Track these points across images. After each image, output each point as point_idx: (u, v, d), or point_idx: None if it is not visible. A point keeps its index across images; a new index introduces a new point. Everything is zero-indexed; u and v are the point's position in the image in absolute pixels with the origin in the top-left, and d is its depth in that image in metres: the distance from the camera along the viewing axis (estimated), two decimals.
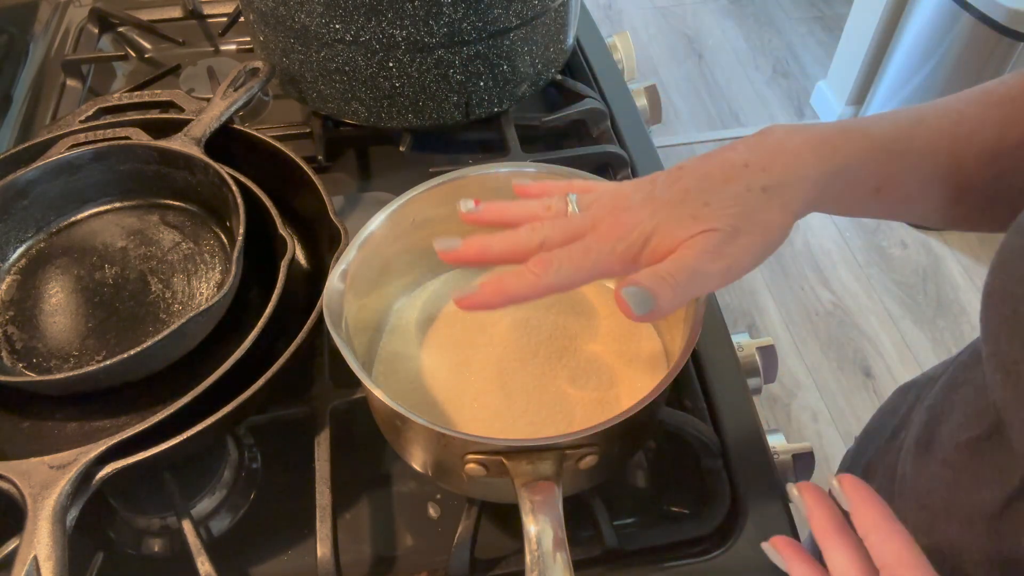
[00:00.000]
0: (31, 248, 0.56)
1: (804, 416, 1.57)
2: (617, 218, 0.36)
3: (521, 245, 0.38)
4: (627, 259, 0.36)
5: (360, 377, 0.40)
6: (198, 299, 0.53)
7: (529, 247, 0.38)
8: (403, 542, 0.50)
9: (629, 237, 0.36)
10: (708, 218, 0.35)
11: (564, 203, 0.39)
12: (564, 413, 0.47)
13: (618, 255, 0.36)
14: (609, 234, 0.36)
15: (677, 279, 0.34)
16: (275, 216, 0.53)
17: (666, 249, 0.36)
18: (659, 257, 0.36)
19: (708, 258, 0.35)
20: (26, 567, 0.37)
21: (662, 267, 0.35)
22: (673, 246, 0.35)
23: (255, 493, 0.52)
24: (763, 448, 0.53)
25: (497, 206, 0.41)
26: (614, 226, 0.36)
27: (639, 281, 0.34)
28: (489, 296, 0.37)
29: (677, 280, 0.34)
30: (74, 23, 0.87)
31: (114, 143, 0.57)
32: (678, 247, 0.35)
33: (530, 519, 0.36)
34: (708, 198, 0.35)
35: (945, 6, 1.60)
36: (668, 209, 0.36)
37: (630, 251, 0.36)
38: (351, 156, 0.73)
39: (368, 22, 0.59)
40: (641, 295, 0.34)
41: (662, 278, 0.34)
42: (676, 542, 0.49)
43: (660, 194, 0.36)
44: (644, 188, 0.37)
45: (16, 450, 0.47)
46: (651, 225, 0.35)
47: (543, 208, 0.40)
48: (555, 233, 0.37)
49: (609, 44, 0.86)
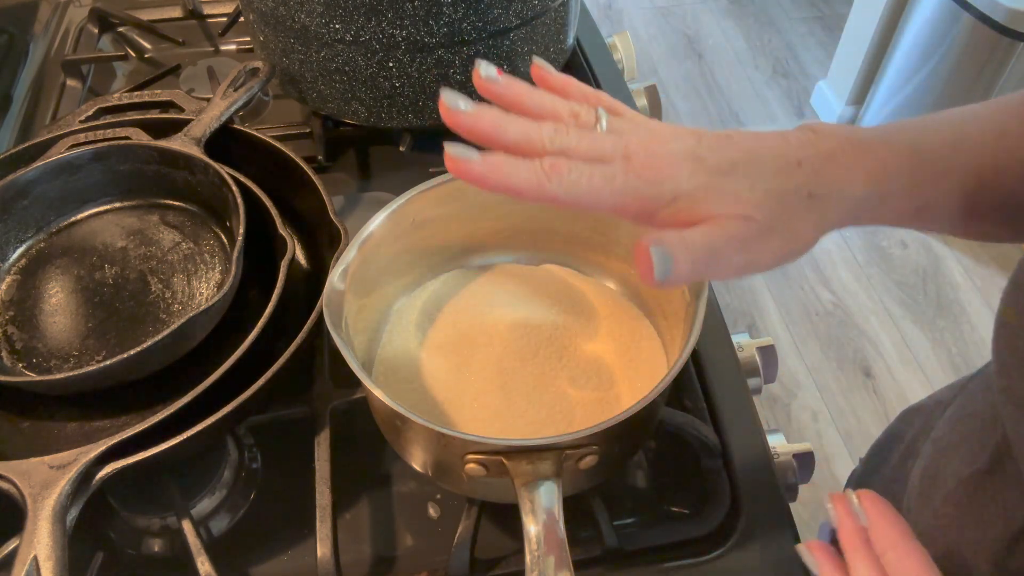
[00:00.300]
0: (31, 248, 0.56)
1: (804, 416, 1.57)
2: (654, 159, 0.32)
3: (539, 141, 0.32)
4: (648, 208, 0.32)
5: (360, 377, 0.40)
6: (198, 299, 0.53)
7: (548, 147, 0.32)
8: (403, 542, 0.50)
9: (660, 186, 0.32)
10: (750, 204, 0.32)
11: (593, 116, 0.34)
12: (564, 413, 0.47)
13: (640, 199, 0.32)
14: (641, 173, 0.32)
15: (699, 256, 0.31)
16: (275, 216, 0.53)
17: (690, 216, 0.32)
18: (679, 221, 0.32)
19: (735, 246, 0.32)
20: (26, 567, 0.37)
21: (689, 236, 0.31)
22: (700, 217, 0.32)
23: (255, 493, 0.52)
24: (763, 448, 0.53)
25: (522, 86, 0.35)
26: (647, 166, 0.32)
27: (665, 242, 0.31)
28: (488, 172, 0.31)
29: (698, 257, 0.31)
30: (74, 23, 0.87)
31: (114, 143, 0.57)
32: (706, 220, 0.32)
33: (530, 519, 0.36)
34: (755, 183, 0.32)
35: (945, 6, 1.60)
36: (710, 176, 0.32)
37: (655, 201, 0.32)
38: (351, 156, 0.73)
39: (368, 22, 0.59)
40: (666, 259, 0.30)
41: (688, 248, 0.31)
42: (676, 542, 0.49)
43: (705, 155, 0.32)
44: (686, 140, 0.33)
45: (16, 450, 0.47)
46: (688, 185, 0.32)
47: (569, 112, 0.34)
48: (582, 144, 0.32)
49: (609, 44, 0.86)
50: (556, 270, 0.56)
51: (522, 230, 0.55)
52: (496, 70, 0.34)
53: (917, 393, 1.58)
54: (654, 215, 0.32)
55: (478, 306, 0.53)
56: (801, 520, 0.48)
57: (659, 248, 0.30)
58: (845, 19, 2.00)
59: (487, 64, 0.34)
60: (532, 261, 0.56)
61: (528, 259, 0.56)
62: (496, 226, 0.54)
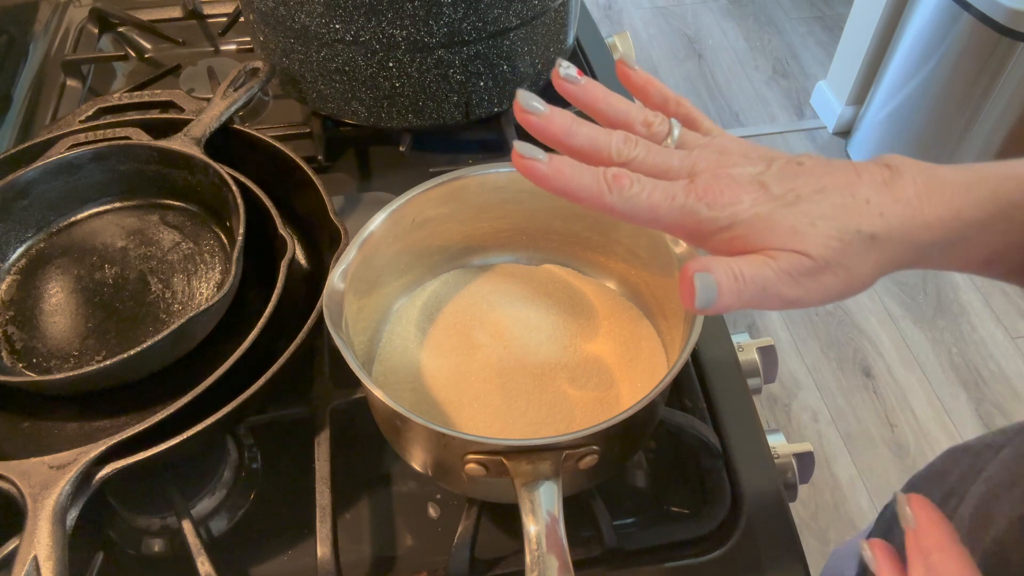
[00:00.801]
0: (31, 248, 0.56)
1: (804, 416, 1.57)
2: (717, 182, 0.32)
3: (607, 150, 0.33)
4: (703, 231, 0.32)
5: (360, 377, 0.40)
6: (198, 299, 0.53)
7: (613, 158, 0.32)
8: (403, 542, 0.50)
9: (721, 212, 0.31)
10: (808, 240, 0.31)
11: (666, 127, 0.34)
12: (564, 413, 0.47)
13: (697, 221, 0.31)
14: (703, 194, 0.31)
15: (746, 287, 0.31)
16: (275, 216, 0.53)
17: (745, 245, 0.32)
18: (733, 248, 0.32)
19: (787, 281, 0.31)
20: (26, 567, 0.37)
21: (739, 267, 0.31)
22: (755, 247, 0.31)
23: (255, 493, 0.52)
24: (763, 448, 0.53)
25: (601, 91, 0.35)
26: (710, 189, 0.31)
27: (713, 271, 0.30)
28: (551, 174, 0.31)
29: (745, 288, 0.31)
30: (74, 23, 0.87)
31: (114, 143, 0.57)
32: (761, 250, 0.31)
33: (530, 519, 0.36)
34: (816, 218, 0.31)
35: (945, 6, 1.60)
36: (772, 206, 0.31)
37: (711, 225, 0.31)
38: (351, 156, 0.73)
39: (368, 22, 0.59)
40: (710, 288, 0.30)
41: (736, 278, 0.30)
42: (676, 542, 0.49)
43: (771, 183, 0.32)
44: (756, 164, 0.33)
45: (16, 450, 0.47)
46: (748, 212, 0.31)
47: (643, 122, 0.34)
48: (648, 159, 0.33)
49: (609, 44, 0.86)
50: (556, 270, 0.56)
51: (522, 230, 0.55)
52: (576, 70, 0.35)
53: (917, 393, 1.58)
54: (708, 238, 0.32)
55: (478, 306, 0.53)
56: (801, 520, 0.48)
57: (704, 276, 0.30)
58: (845, 19, 2.00)
59: (568, 64, 0.35)
60: (532, 261, 0.56)
61: (528, 259, 0.56)
62: (496, 226, 0.54)
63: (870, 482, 1.47)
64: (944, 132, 1.72)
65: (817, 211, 0.31)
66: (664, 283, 0.49)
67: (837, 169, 0.33)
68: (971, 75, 1.61)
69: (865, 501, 1.45)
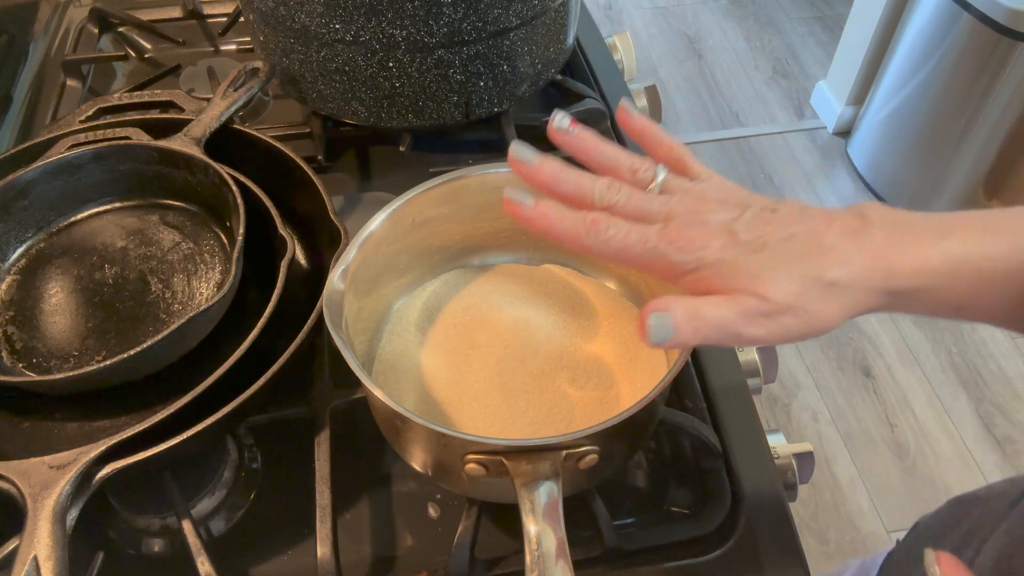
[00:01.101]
0: (31, 248, 0.56)
1: (804, 416, 1.57)
2: (689, 227, 0.34)
3: (591, 197, 0.36)
4: (673, 272, 0.35)
5: (360, 377, 0.40)
6: (198, 299, 0.53)
7: (597, 202, 0.36)
8: (403, 542, 0.50)
9: (689, 255, 0.34)
10: (767, 284, 0.33)
11: (651, 174, 0.37)
12: (564, 413, 0.47)
13: (667, 263, 0.34)
14: (674, 239, 0.34)
15: (705, 327, 0.33)
16: (275, 216, 0.53)
17: (711, 286, 0.34)
18: (701, 288, 0.35)
19: (746, 321, 0.33)
20: (26, 567, 0.37)
21: (699, 308, 0.34)
22: (719, 289, 0.34)
23: (255, 493, 0.52)
24: (763, 448, 0.53)
25: (591, 140, 0.38)
26: (681, 233, 0.34)
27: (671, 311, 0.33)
28: (536, 217, 0.35)
29: (704, 327, 0.33)
30: (74, 23, 0.87)
31: (114, 143, 0.57)
32: (725, 292, 0.34)
33: (530, 519, 0.36)
34: (779, 264, 0.33)
35: (945, 6, 1.60)
36: (738, 252, 0.34)
37: (681, 267, 0.34)
38: (351, 156, 0.73)
39: (368, 22, 0.59)
40: (665, 328, 0.33)
41: (694, 317, 0.33)
42: (676, 542, 0.49)
43: (740, 230, 0.34)
44: (730, 211, 0.35)
45: (16, 450, 0.47)
46: (714, 257, 0.34)
47: (630, 169, 0.37)
48: (629, 205, 0.36)
49: (609, 44, 0.86)
50: (556, 270, 0.56)
51: (522, 230, 0.54)
52: (569, 121, 0.38)
53: (917, 393, 1.58)
54: (678, 279, 0.35)
55: (478, 306, 0.53)
56: (801, 520, 0.48)
57: (660, 316, 0.33)
58: (845, 19, 2.00)
59: (563, 115, 0.38)
60: (532, 261, 0.56)
61: (528, 259, 0.56)
62: (496, 226, 0.54)
63: (870, 482, 1.47)
64: (944, 132, 1.72)
65: (780, 257, 0.33)
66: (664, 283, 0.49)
67: (809, 217, 0.35)
68: (971, 75, 1.61)
69: (865, 501, 1.45)
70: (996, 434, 1.54)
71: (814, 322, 0.34)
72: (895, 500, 1.45)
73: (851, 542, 1.40)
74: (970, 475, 1.48)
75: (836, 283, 0.33)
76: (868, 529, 1.41)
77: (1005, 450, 1.52)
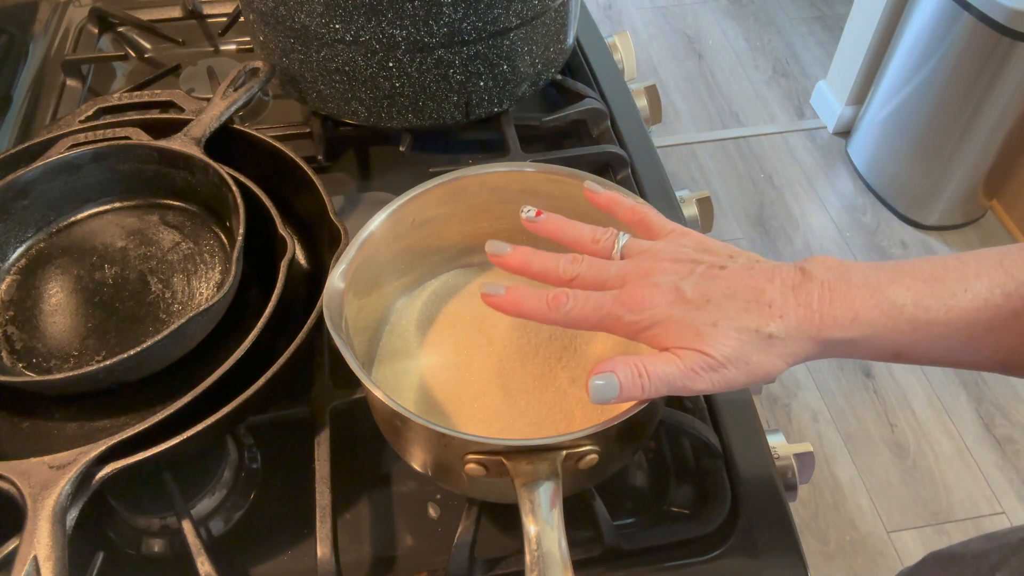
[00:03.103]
0: (31, 248, 0.56)
1: (804, 416, 1.57)
2: (641, 289, 0.38)
3: (556, 272, 0.41)
4: (631, 331, 0.38)
5: (360, 377, 0.40)
6: (198, 299, 0.53)
7: (562, 277, 0.41)
8: (403, 542, 0.50)
9: (641, 314, 0.37)
10: (708, 340, 0.36)
11: (612, 242, 0.42)
12: (564, 413, 0.47)
13: (623, 324, 0.38)
14: (626, 301, 0.38)
15: (651, 383, 0.36)
16: (275, 216, 0.53)
17: (662, 342, 0.37)
18: (656, 343, 0.38)
19: (691, 376, 0.36)
20: (26, 567, 0.37)
21: (645, 366, 0.37)
22: (668, 345, 0.37)
23: (255, 493, 0.52)
24: (763, 448, 0.53)
25: (556, 223, 0.44)
26: (631, 296, 0.38)
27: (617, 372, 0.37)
28: (507, 303, 0.40)
29: (649, 384, 0.36)
30: (74, 23, 0.87)
31: (114, 143, 0.57)
32: (672, 348, 0.37)
33: (530, 519, 0.36)
34: (719, 320, 0.36)
35: (945, 6, 1.60)
36: (683, 310, 0.37)
37: (635, 327, 0.38)
38: (351, 156, 0.73)
39: (368, 22, 0.59)
40: (611, 387, 0.37)
41: (639, 375, 0.36)
42: (676, 542, 0.49)
43: (687, 289, 0.37)
44: (680, 270, 0.38)
45: (16, 450, 0.47)
46: (663, 315, 0.37)
47: (592, 240, 0.42)
48: (588, 275, 0.40)
49: (609, 44, 0.86)
50: None
51: (522, 230, 0.54)
52: (535, 211, 0.44)
53: (917, 393, 1.59)
54: (636, 336, 0.38)
55: (478, 306, 0.53)
56: (801, 520, 0.48)
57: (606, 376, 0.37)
58: (845, 19, 2.00)
59: (528, 208, 0.45)
60: None
61: None
62: (496, 226, 0.54)
63: (870, 482, 1.47)
64: (944, 132, 1.72)
65: (720, 313, 0.36)
66: None
67: (755, 273, 0.38)
68: (971, 75, 1.61)
69: (865, 501, 1.45)
70: (996, 434, 1.54)
71: (756, 372, 0.36)
72: (895, 500, 1.45)
73: (851, 542, 1.40)
74: (970, 475, 1.48)
75: (774, 335, 0.36)
76: (868, 529, 1.41)
77: (1005, 450, 1.52)
